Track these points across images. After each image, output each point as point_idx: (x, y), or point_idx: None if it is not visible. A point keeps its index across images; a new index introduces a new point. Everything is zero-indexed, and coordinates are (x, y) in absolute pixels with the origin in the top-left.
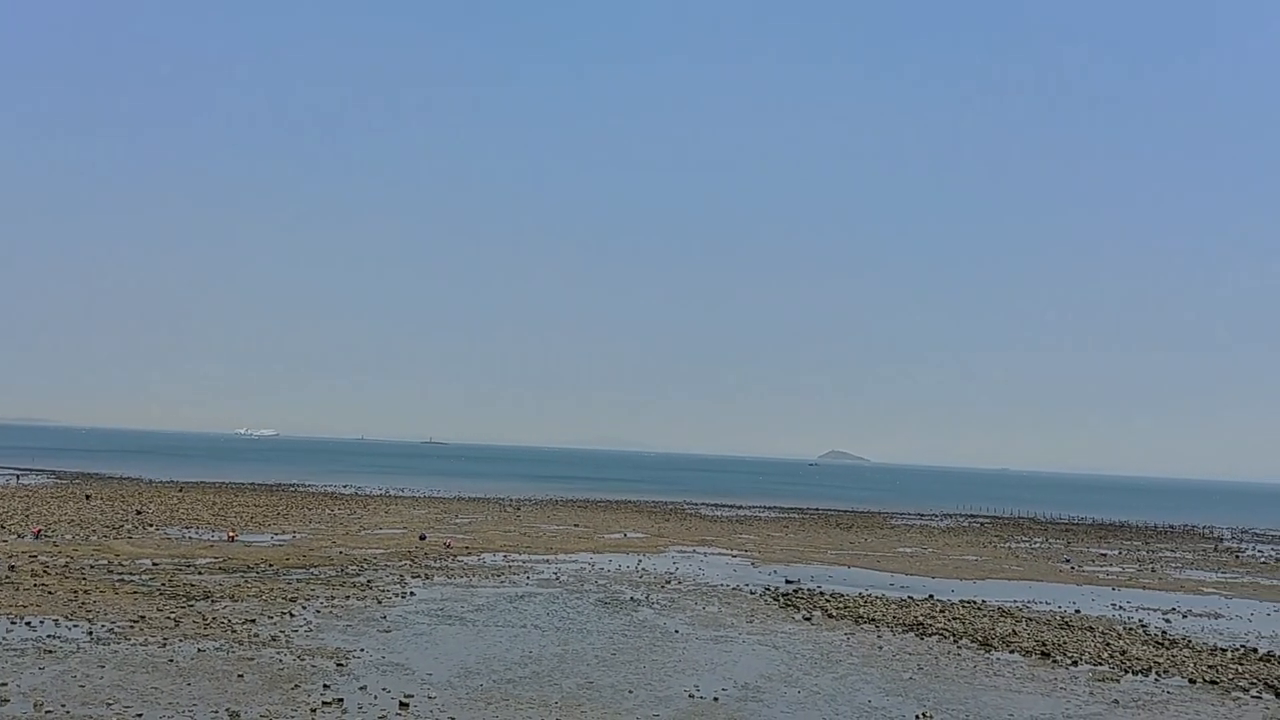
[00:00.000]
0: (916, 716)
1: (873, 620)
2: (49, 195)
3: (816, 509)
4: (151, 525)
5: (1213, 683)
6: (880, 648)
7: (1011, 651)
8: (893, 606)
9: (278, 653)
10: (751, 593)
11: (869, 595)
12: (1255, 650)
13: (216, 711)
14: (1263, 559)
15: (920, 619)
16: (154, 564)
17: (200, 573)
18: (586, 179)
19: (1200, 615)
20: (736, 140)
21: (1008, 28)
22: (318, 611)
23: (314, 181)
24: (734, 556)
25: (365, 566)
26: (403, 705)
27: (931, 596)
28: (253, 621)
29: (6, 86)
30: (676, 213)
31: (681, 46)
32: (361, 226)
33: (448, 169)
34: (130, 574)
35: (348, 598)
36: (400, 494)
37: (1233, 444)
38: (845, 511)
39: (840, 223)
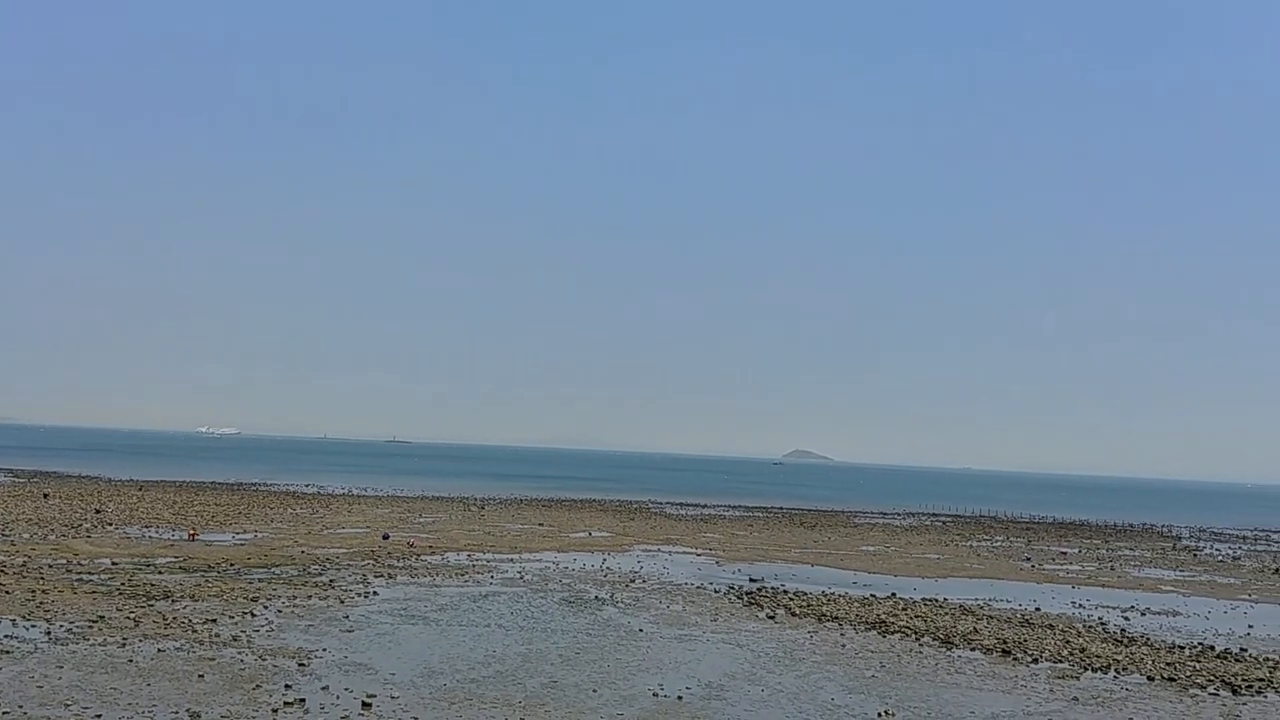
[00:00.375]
0: (879, 714)
1: (836, 618)
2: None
3: (781, 508)
4: (111, 524)
5: (1171, 680)
6: (843, 646)
7: (973, 649)
8: (856, 605)
9: (239, 653)
10: (716, 591)
11: (832, 593)
12: (1212, 648)
13: (177, 712)
14: (1220, 557)
15: (883, 617)
16: (113, 563)
17: (160, 572)
18: (555, 174)
19: (1159, 613)
20: (708, 136)
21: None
22: (279, 611)
23: (280, 174)
24: (699, 555)
25: (328, 566)
26: (365, 705)
27: (894, 594)
28: (214, 621)
29: None
30: (642, 211)
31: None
32: (324, 221)
33: (417, 163)
34: (89, 573)
35: (310, 597)
36: (363, 493)
37: (1191, 445)
38: (809, 510)
39: (802, 221)
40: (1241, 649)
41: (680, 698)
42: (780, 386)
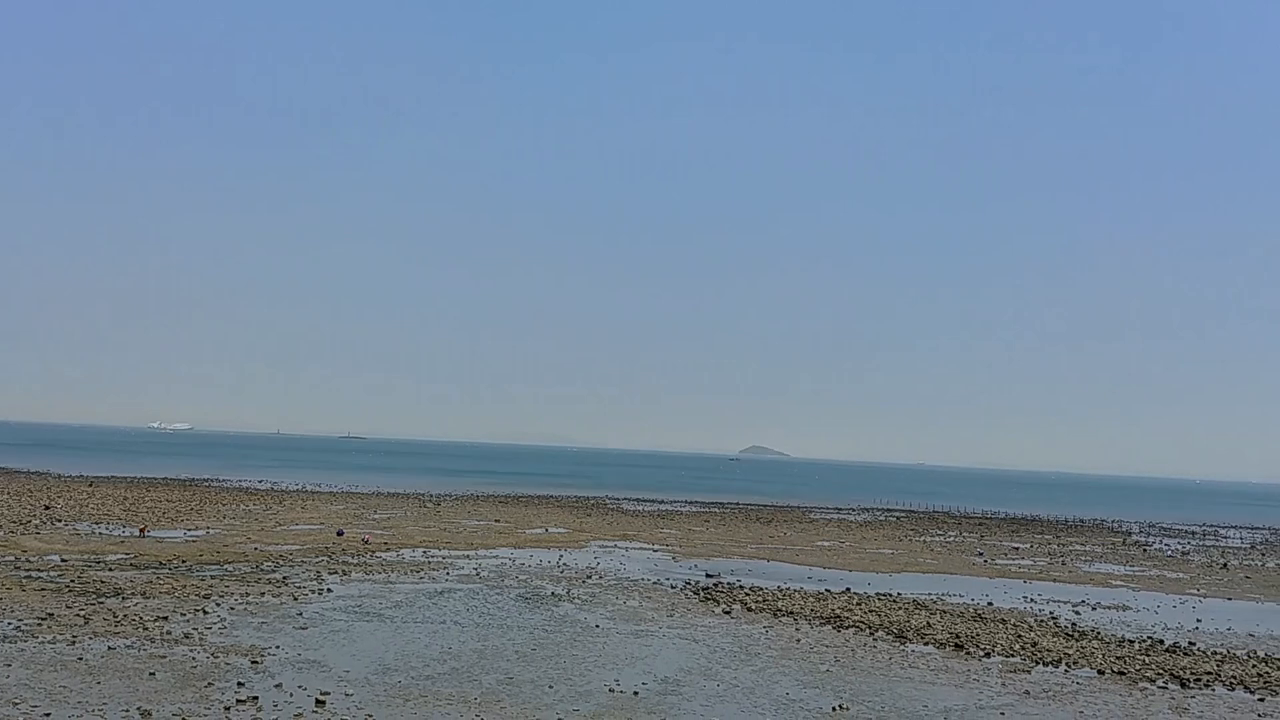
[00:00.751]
0: (833, 708)
1: (791, 613)
2: None
3: (737, 503)
4: (60, 520)
5: (1121, 673)
6: (798, 640)
7: (926, 643)
8: (811, 599)
9: (190, 650)
10: (672, 587)
11: (788, 589)
12: (1161, 642)
13: (128, 710)
14: (1169, 553)
15: (837, 611)
16: (63, 560)
17: (111, 569)
18: (516, 171)
19: (1109, 608)
20: (680, 135)
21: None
22: (232, 608)
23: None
24: (655, 551)
25: (281, 563)
26: (319, 703)
27: (849, 589)
28: (165, 619)
29: None
30: (600, 207)
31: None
32: (279, 214)
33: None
34: (38, 570)
35: (263, 594)
36: (317, 489)
37: (1140, 442)
38: (765, 506)
39: (764, 221)
40: (1190, 643)
41: (636, 693)
42: (737, 383)
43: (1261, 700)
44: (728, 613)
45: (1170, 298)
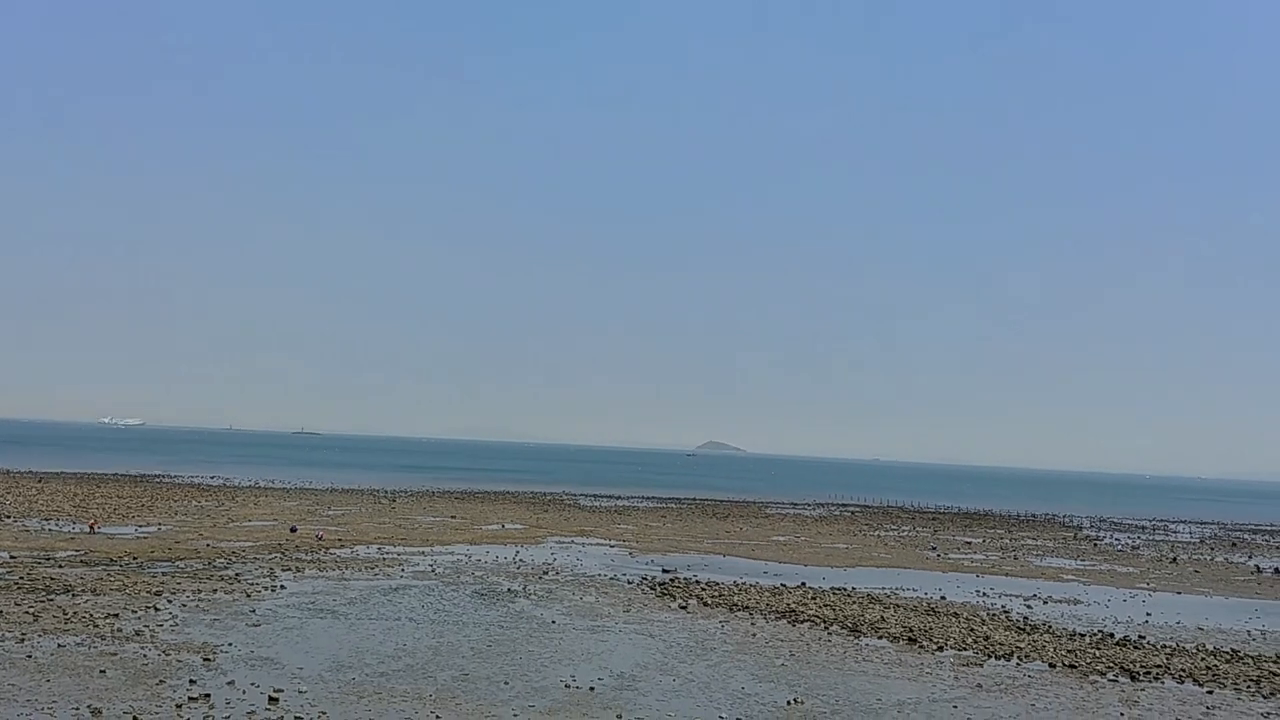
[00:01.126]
0: (788, 702)
1: (747, 608)
2: None
3: (694, 499)
4: (8, 517)
5: (1072, 667)
6: (754, 635)
7: (880, 637)
8: (766, 594)
9: (142, 648)
10: (629, 582)
11: (743, 583)
12: (1112, 635)
13: (78, 708)
14: (1119, 547)
15: (792, 606)
16: (11, 557)
17: (60, 566)
18: (471, 165)
19: (1060, 601)
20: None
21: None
22: (184, 605)
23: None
24: (612, 547)
25: (233, 559)
26: (272, 700)
27: (804, 584)
28: (116, 616)
29: None
30: (554, 200)
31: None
32: (232, 207)
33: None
34: None
35: (215, 591)
36: (270, 485)
37: (1091, 436)
38: (722, 501)
39: (718, 215)
40: (1140, 636)
41: (593, 689)
42: (694, 379)
43: (1210, 693)
44: (684, 608)
45: (1114, 298)
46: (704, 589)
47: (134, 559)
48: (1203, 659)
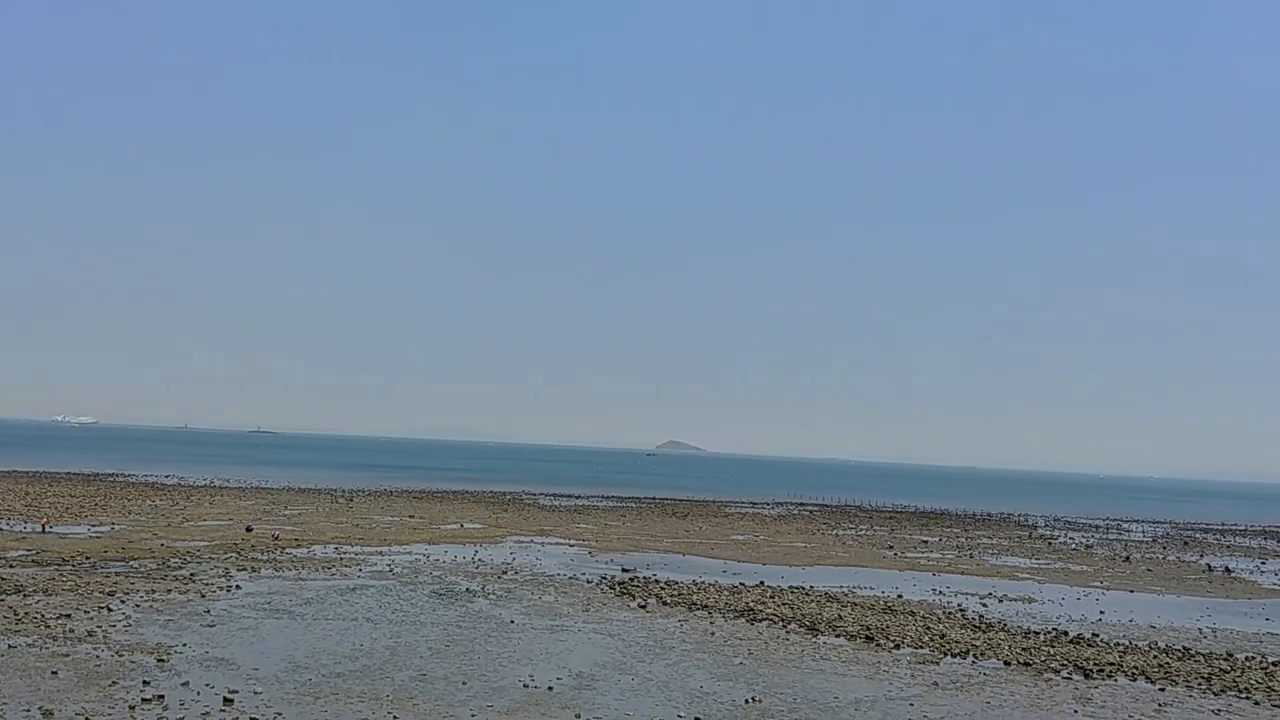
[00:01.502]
0: (746, 700)
1: (706, 607)
2: None
3: (653, 498)
4: None
5: (1026, 664)
6: (712, 634)
7: (838, 636)
8: (725, 593)
9: (95, 648)
10: (588, 582)
11: (702, 582)
12: (1066, 633)
13: (29, 710)
14: (1073, 546)
15: (751, 605)
16: None
17: (11, 566)
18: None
19: (1015, 600)
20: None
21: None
22: (137, 606)
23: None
24: (571, 546)
25: (188, 559)
26: (227, 701)
27: (762, 583)
28: (68, 616)
29: None
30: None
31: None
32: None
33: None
34: None
35: (169, 591)
36: (226, 484)
37: (1045, 437)
38: (681, 500)
39: (682, 215)
40: (1094, 634)
41: (551, 688)
42: (654, 378)
43: (1162, 690)
44: (643, 607)
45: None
46: (663, 588)
47: (87, 559)
48: (1155, 656)
